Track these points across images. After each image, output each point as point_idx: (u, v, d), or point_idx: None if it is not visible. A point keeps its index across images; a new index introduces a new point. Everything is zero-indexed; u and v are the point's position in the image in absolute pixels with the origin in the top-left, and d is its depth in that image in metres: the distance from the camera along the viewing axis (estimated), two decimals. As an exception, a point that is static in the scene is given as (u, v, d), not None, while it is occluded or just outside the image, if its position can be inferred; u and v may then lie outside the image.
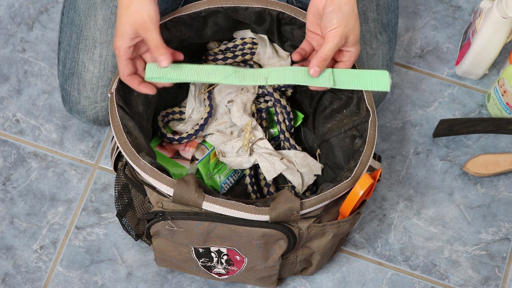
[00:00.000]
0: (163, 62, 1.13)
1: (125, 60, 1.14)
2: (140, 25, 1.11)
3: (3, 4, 1.50)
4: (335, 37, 1.13)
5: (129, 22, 1.11)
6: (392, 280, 1.37)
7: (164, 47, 1.12)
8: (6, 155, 1.41)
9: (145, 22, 1.10)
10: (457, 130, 1.43)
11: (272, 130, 1.37)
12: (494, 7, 1.34)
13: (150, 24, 1.11)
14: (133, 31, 1.11)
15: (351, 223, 1.19)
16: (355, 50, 1.16)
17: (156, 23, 1.11)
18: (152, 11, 1.11)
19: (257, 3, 1.23)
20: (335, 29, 1.13)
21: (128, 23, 1.11)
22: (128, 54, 1.13)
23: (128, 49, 1.13)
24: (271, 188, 1.34)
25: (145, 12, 1.10)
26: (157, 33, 1.11)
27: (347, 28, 1.13)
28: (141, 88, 1.16)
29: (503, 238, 1.40)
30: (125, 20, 1.11)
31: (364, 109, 1.21)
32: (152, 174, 1.13)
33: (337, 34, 1.13)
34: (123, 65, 1.14)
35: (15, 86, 1.45)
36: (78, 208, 1.39)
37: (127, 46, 1.13)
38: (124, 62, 1.14)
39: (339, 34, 1.13)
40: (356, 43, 1.15)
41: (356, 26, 1.14)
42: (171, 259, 1.25)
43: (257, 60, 1.32)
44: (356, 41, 1.15)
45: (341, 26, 1.13)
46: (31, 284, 1.35)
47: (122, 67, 1.14)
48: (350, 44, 1.15)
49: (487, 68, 1.45)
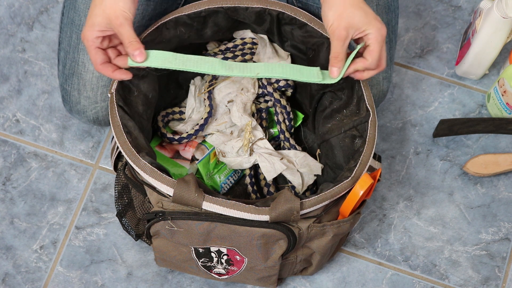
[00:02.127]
0: (137, 57, 1.14)
1: (94, 49, 1.14)
2: (112, 20, 1.11)
3: (3, 4, 1.50)
4: (334, 32, 1.13)
5: (102, 15, 1.12)
6: (392, 280, 1.37)
7: (137, 41, 1.13)
8: (6, 155, 1.41)
9: (118, 17, 1.11)
10: (457, 130, 1.43)
11: (272, 130, 1.37)
12: (494, 7, 1.34)
13: (123, 19, 1.11)
14: (104, 24, 1.12)
15: (351, 223, 1.19)
16: (372, 30, 1.13)
17: (129, 19, 1.12)
18: (126, 7, 1.11)
19: (257, 3, 1.23)
20: (332, 25, 1.13)
21: (101, 16, 1.12)
22: (96, 43, 1.13)
23: (96, 39, 1.13)
24: (271, 188, 1.34)
25: (119, 8, 1.11)
26: (130, 28, 1.12)
27: (344, 19, 1.12)
28: (116, 75, 1.16)
29: (503, 238, 1.40)
30: (98, 12, 1.12)
31: (364, 109, 1.21)
32: (152, 174, 1.13)
33: (335, 29, 1.13)
34: (93, 54, 1.14)
35: (15, 86, 1.45)
36: (78, 208, 1.39)
37: (95, 36, 1.13)
38: (93, 52, 1.14)
39: (337, 28, 1.13)
40: (368, 24, 1.12)
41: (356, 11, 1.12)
42: (171, 259, 1.25)
43: (257, 60, 1.32)
44: (366, 22, 1.12)
45: (336, 19, 1.12)
46: (31, 284, 1.35)
47: (93, 56, 1.14)
48: (362, 27, 1.13)
49: (487, 68, 1.45)
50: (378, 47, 1.14)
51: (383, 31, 1.13)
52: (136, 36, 1.13)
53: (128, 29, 1.12)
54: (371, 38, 1.13)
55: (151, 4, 1.30)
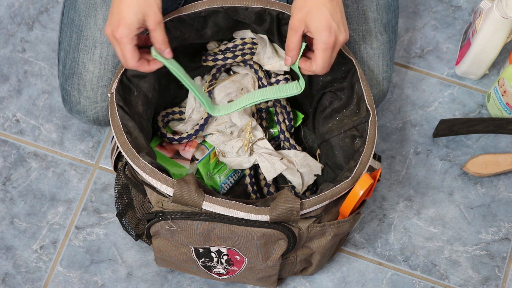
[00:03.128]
0: (167, 54, 1.16)
1: (133, 47, 1.13)
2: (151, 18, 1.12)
3: (3, 4, 1.50)
4: (290, 21, 1.14)
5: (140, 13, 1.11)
6: (392, 280, 1.37)
7: (167, 40, 1.15)
8: (6, 155, 1.41)
9: (157, 16, 1.12)
10: (457, 130, 1.43)
11: (272, 130, 1.37)
12: (494, 7, 1.34)
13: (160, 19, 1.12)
14: (141, 22, 1.12)
15: (351, 223, 1.19)
16: (317, 37, 1.13)
17: (162, 17, 1.13)
18: (159, 7, 1.12)
19: (257, 3, 1.23)
20: (291, 13, 1.14)
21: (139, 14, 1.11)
22: (134, 41, 1.13)
23: (134, 37, 1.13)
24: (271, 188, 1.34)
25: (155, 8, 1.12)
26: (163, 28, 1.13)
27: (302, 12, 1.13)
28: (152, 67, 1.17)
29: (503, 238, 1.40)
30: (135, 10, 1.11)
31: (364, 109, 1.21)
32: (152, 174, 1.13)
33: (292, 19, 1.14)
34: (132, 52, 1.14)
35: (15, 86, 1.45)
36: (78, 208, 1.39)
37: (134, 35, 1.13)
38: (132, 49, 1.13)
39: (293, 17, 1.14)
40: (318, 31, 1.13)
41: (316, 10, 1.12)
42: (171, 259, 1.25)
43: (257, 60, 1.32)
44: (318, 28, 1.13)
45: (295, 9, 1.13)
46: (31, 284, 1.35)
47: (132, 54, 1.14)
48: (312, 31, 1.13)
49: (487, 68, 1.45)
50: (321, 56, 1.15)
51: (330, 40, 1.13)
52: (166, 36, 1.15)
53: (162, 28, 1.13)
54: (316, 44, 1.14)
55: (151, 4, 1.30)
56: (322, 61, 1.15)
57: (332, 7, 1.13)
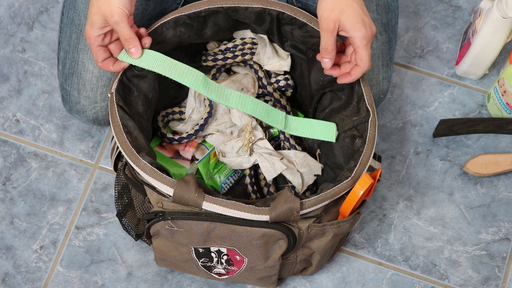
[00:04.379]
0: (134, 54, 1.16)
1: (96, 47, 1.16)
2: (108, 18, 1.12)
3: (3, 4, 1.50)
4: (323, 23, 1.13)
5: (99, 13, 1.13)
6: (392, 280, 1.37)
7: (133, 38, 1.14)
8: (6, 155, 1.41)
9: (113, 15, 1.12)
10: (457, 130, 1.43)
11: (272, 130, 1.37)
12: (494, 7, 1.34)
13: (118, 17, 1.12)
14: (101, 21, 1.13)
15: (351, 223, 1.19)
16: (356, 35, 1.13)
17: (125, 16, 1.12)
18: (121, 4, 1.12)
19: (257, 3, 1.23)
20: (322, 15, 1.14)
21: (98, 14, 1.13)
22: (98, 42, 1.15)
23: (98, 37, 1.15)
24: (271, 188, 1.34)
25: (114, 5, 1.11)
26: (125, 25, 1.13)
27: (334, 12, 1.12)
28: (115, 67, 1.17)
29: (503, 238, 1.40)
30: (95, 10, 1.13)
31: (364, 109, 1.21)
32: (152, 174, 1.13)
33: (324, 20, 1.13)
34: (95, 52, 1.16)
35: (15, 86, 1.45)
36: (78, 208, 1.39)
37: (97, 34, 1.14)
38: (95, 49, 1.16)
39: (326, 19, 1.13)
40: (356, 28, 1.13)
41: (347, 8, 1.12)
42: (171, 259, 1.25)
43: (257, 60, 1.32)
44: (354, 27, 1.12)
45: (326, 11, 1.13)
46: (31, 284, 1.35)
47: (95, 54, 1.16)
48: (348, 29, 1.13)
49: (487, 68, 1.45)
50: (366, 52, 1.14)
51: (368, 34, 1.13)
52: (132, 33, 1.14)
53: (123, 26, 1.13)
54: (355, 42, 1.14)
55: (151, 4, 1.30)
56: (367, 56, 1.15)
57: (359, 1, 1.14)
